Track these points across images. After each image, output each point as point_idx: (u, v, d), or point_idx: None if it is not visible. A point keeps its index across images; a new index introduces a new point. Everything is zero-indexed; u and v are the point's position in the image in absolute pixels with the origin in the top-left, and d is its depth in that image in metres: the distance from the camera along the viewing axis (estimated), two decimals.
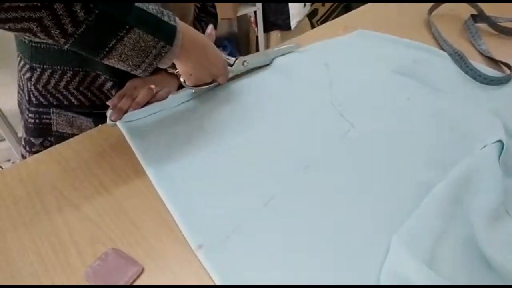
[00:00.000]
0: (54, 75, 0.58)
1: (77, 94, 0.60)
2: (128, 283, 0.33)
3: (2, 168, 1.44)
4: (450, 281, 0.32)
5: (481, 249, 0.35)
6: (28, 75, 0.59)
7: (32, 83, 0.59)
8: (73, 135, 0.54)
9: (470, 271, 0.34)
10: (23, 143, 0.65)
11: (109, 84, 0.60)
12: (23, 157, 0.65)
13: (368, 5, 0.87)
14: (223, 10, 1.61)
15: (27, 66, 0.59)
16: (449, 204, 0.38)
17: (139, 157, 0.45)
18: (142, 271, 0.34)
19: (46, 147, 0.52)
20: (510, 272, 0.33)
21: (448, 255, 0.35)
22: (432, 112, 0.52)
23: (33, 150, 0.63)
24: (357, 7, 0.87)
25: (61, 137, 0.62)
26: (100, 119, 0.61)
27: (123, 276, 0.33)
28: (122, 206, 0.40)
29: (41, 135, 0.62)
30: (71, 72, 0.58)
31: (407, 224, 0.36)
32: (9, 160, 1.59)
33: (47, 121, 0.62)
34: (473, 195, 0.39)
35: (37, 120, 0.62)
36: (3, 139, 1.37)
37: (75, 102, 0.61)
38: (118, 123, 0.50)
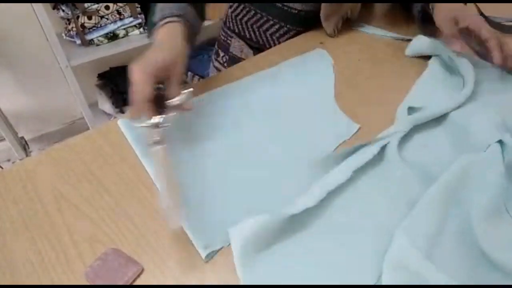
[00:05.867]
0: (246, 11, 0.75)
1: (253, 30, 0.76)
2: (128, 283, 0.33)
3: (2, 168, 1.44)
4: (450, 278, 0.32)
5: (481, 247, 0.35)
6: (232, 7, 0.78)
7: (231, 11, 0.79)
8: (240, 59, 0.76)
9: (470, 268, 0.34)
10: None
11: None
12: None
13: (368, 5, 0.87)
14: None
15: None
16: (448, 201, 0.38)
17: (140, 157, 0.45)
18: (142, 271, 0.34)
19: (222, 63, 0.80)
20: (510, 270, 0.33)
21: (447, 253, 0.35)
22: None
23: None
24: None
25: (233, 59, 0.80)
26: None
27: (123, 276, 0.33)
28: (122, 206, 0.40)
29: (224, 50, 0.82)
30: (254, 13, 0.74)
31: (406, 222, 0.36)
32: (9, 160, 1.59)
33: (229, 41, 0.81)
34: (473, 193, 0.39)
35: (223, 38, 0.82)
36: (3, 139, 1.37)
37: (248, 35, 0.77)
38: (119, 123, 0.50)
